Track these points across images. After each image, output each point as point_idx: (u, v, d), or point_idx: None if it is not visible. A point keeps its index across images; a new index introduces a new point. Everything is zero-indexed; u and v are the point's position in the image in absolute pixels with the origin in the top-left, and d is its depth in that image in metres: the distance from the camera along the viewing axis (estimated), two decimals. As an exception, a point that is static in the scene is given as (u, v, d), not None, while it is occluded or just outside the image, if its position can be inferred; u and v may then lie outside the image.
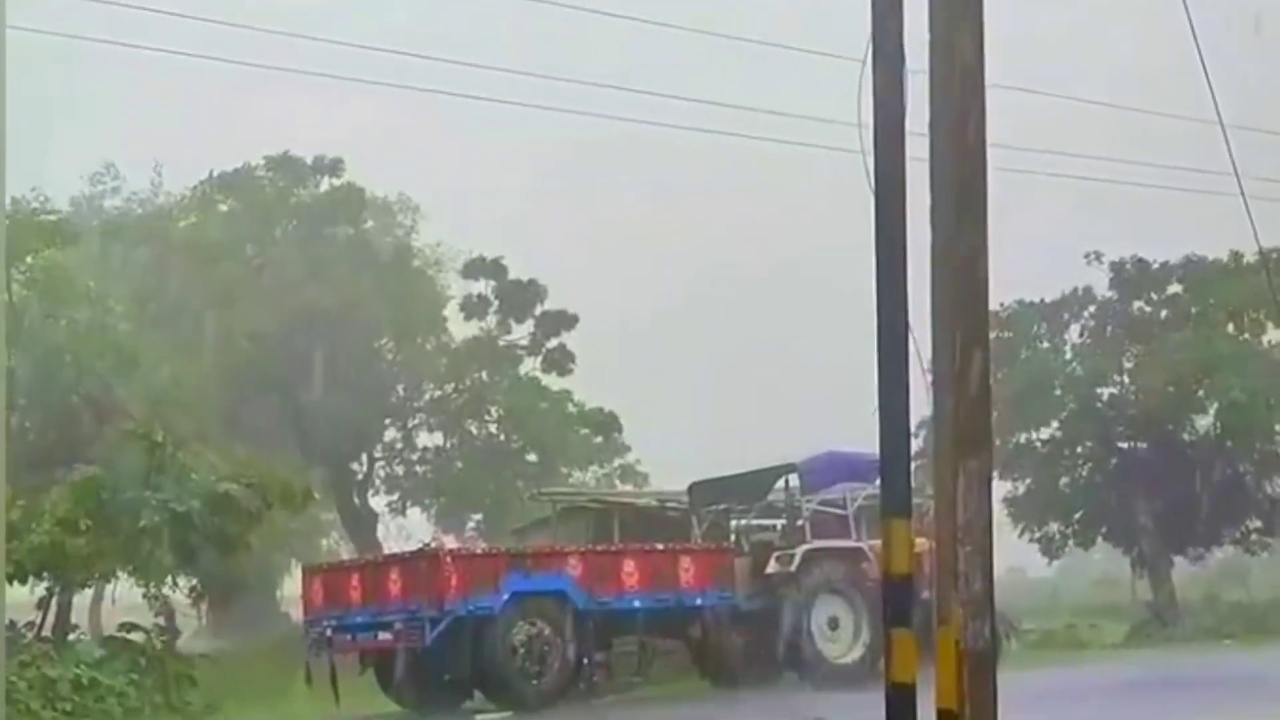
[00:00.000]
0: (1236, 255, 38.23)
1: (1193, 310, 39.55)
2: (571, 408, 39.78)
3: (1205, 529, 40.23)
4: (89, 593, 31.87)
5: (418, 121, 46.77)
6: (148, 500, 24.23)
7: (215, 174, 37.73)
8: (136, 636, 25.04)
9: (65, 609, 26.55)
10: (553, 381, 39.84)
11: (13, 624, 24.93)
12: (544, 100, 30.49)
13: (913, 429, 13.86)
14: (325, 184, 38.12)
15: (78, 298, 33.23)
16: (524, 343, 39.98)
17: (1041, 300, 40.38)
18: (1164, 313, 40.11)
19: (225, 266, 35.76)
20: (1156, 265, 40.25)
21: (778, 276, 54.42)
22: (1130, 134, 35.14)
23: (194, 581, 34.68)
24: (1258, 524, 41.18)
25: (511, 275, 39.59)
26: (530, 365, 40.00)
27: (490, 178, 55.02)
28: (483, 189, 51.45)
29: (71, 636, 26.09)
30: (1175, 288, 40.25)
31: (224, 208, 38.20)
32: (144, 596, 28.55)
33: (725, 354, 54.32)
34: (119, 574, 29.31)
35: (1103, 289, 40.54)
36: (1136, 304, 40.47)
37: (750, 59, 31.01)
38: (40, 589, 24.93)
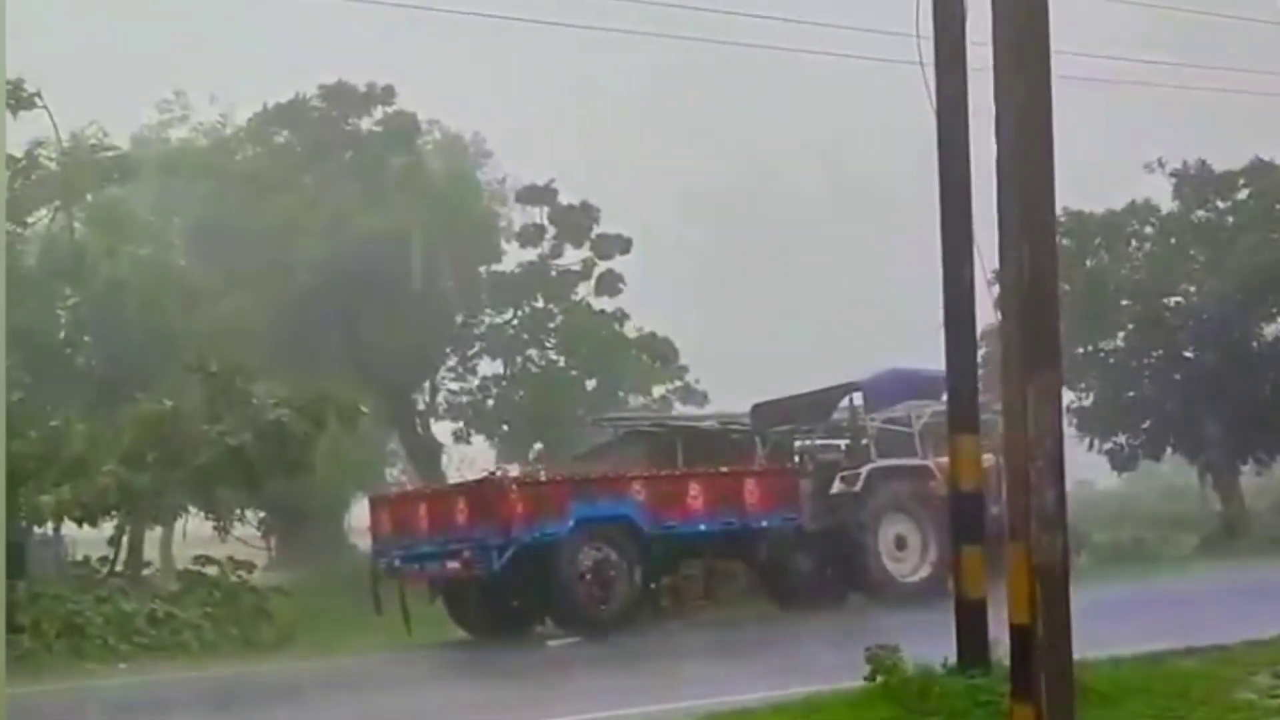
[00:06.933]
0: None
1: (1259, 215, 38.83)
2: (628, 332, 39.69)
3: (1273, 437, 39.75)
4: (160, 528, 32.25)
5: (473, 48, 46.48)
6: (206, 434, 24.32)
7: (270, 105, 37.75)
8: (210, 570, 25.08)
9: (138, 543, 26.76)
10: (607, 304, 39.77)
11: (86, 559, 25.23)
12: (602, 23, 30.21)
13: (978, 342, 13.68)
14: (379, 113, 38.05)
15: (139, 233, 33.47)
16: (576, 268, 39.83)
17: (1109, 210, 39.76)
18: (1230, 219, 39.43)
19: (283, 198, 35.80)
20: (1221, 171, 39.62)
21: (840, 193, 53.92)
22: (1192, 37, 34.50)
23: (262, 514, 35.07)
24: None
25: (564, 200, 39.45)
26: (585, 290, 39.89)
27: (546, 104, 54.71)
28: (539, 115, 51.15)
29: (146, 572, 26.30)
30: (1242, 194, 39.58)
31: (280, 139, 38.22)
32: (214, 530, 28.81)
33: (787, 272, 54.04)
34: (188, 509, 29.61)
35: (1166, 197, 39.96)
36: (1200, 212, 39.83)
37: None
38: (108, 526, 25.08)
